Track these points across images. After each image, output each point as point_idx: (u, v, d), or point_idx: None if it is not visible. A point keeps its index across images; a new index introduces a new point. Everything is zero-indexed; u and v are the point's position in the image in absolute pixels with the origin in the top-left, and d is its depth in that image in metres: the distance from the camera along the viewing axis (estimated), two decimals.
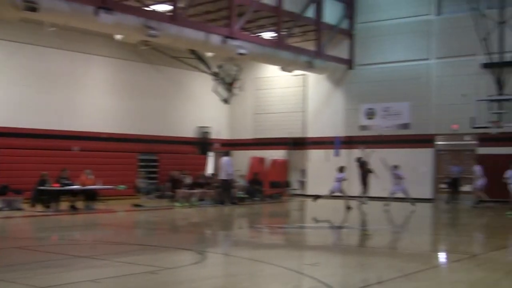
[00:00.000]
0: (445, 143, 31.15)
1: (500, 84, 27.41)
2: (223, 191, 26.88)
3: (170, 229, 19.35)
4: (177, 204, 25.64)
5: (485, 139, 29.01)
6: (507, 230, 19.17)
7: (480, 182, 26.95)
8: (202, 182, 27.87)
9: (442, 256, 13.31)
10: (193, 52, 31.71)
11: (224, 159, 27.79)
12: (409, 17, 31.71)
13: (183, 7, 25.64)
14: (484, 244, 15.38)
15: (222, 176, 27.12)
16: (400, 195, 26.40)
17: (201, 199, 26.86)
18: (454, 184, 29.03)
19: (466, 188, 29.03)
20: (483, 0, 29.18)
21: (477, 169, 27.19)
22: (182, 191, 26.46)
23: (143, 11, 24.94)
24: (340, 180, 25.48)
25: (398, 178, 26.59)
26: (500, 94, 27.32)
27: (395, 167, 26.75)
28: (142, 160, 31.33)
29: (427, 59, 31.15)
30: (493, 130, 27.06)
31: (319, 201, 26.27)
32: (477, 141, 29.74)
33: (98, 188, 23.47)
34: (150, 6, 26.60)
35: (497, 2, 28.42)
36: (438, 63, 30.93)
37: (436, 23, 31.16)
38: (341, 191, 25.67)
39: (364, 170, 27.74)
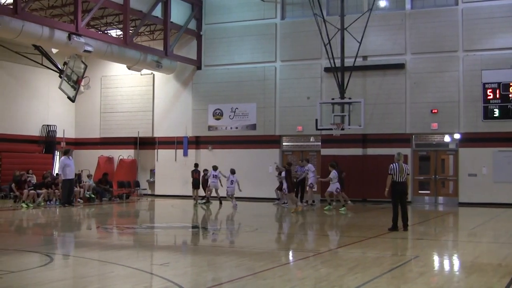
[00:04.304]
0: (291, 144, 32.13)
1: (342, 88, 28.55)
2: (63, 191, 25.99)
3: (15, 230, 18.63)
4: (22, 205, 24.73)
5: (328, 141, 30.24)
6: (349, 228, 20.06)
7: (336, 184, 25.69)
8: (48, 182, 26.98)
9: (289, 254, 13.68)
10: (37, 47, 30.72)
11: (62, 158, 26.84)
12: (256, 20, 32.41)
13: (26, 0, 24.75)
14: (328, 242, 15.98)
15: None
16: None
17: (48, 199, 26.07)
18: (299, 184, 29.73)
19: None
20: (325, 6, 30.38)
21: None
22: (27, 191, 25.52)
23: None
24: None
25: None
26: (342, 98, 28.47)
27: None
28: None
29: (273, 61, 31.95)
30: (336, 132, 28.21)
31: (170, 201, 26.49)
32: (321, 143, 30.92)
33: None
34: None
35: (337, 9, 29.64)
36: (283, 66, 31.82)
37: (281, 27, 32.04)
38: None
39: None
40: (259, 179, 30.23)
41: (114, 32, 33.88)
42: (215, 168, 27.33)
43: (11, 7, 23.76)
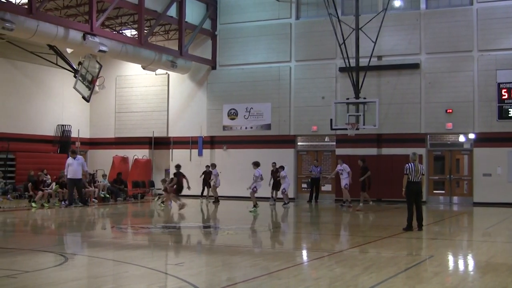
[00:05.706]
0: (306, 144, 32.11)
1: (356, 88, 28.48)
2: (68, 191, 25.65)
3: (29, 230, 18.70)
4: (37, 204, 24.80)
5: (343, 141, 30.19)
6: (364, 227, 20.01)
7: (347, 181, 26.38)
8: (63, 182, 27.01)
9: (304, 254, 13.67)
10: (52, 47, 30.84)
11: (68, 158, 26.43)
12: (270, 19, 32.40)
13: (41, 0, 24.84)
14: (343, 242, 15.95)
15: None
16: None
17: (62, 199, 26.13)
18: (314, 184, 29.71)
19: (325, 187, 30.07)
20: (340, 6, 30.32)
21: (345, 166, 26.50)
22: (42, 191, 25.61)
23: None
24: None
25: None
26: (357, 97, 28.40)
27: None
28: None
29: (287, 61, 31.94)
30: (350, 132, 28.15)
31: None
32: (336, 142, 30.87)
33: None
34: None
35: (352, 9, 29.57)
36: (297, 65, 31.80)
37: (296, 26, 32.01)
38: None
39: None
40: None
41: (129, 32, 33.98)
42: (213, 166, 29.13)
43: (26, 7, 23.86)
